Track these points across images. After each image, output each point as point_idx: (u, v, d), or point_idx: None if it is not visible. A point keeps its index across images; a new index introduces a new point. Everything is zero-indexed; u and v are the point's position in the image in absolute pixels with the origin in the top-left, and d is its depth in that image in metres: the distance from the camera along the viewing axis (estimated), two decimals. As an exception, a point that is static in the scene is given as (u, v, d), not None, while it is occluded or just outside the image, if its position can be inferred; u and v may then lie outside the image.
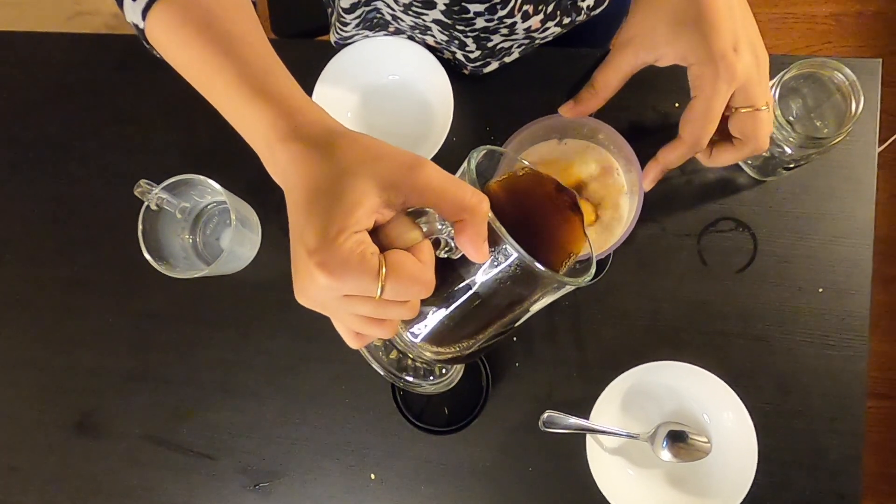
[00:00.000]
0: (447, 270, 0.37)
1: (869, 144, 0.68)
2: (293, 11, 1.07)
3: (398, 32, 0.70)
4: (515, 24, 0.63)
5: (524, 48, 0.70)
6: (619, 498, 0.65)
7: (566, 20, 0.67)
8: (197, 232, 0.74)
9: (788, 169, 0.65)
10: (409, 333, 0.41)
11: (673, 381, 0.67)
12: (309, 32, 1.04)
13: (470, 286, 0.37)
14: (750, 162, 0.68)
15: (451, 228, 0.34)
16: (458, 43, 0.66)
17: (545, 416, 0.67)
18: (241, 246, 0.69)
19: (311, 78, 0.71)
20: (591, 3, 0.68)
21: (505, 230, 0.34)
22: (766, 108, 0.50)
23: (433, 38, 0.67)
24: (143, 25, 0.43)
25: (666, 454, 0.66)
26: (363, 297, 0.34)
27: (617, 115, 0.65)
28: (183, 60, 0.42)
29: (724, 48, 0.48)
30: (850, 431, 0.66)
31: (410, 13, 0.62)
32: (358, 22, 0.68)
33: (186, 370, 0.74)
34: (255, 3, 0.47)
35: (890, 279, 1.49)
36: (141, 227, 0.66)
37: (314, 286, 0.33)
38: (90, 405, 0.75)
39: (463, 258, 0.36)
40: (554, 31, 0.68)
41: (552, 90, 0.71)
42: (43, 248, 0.78)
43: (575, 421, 0.66)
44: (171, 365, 0.74)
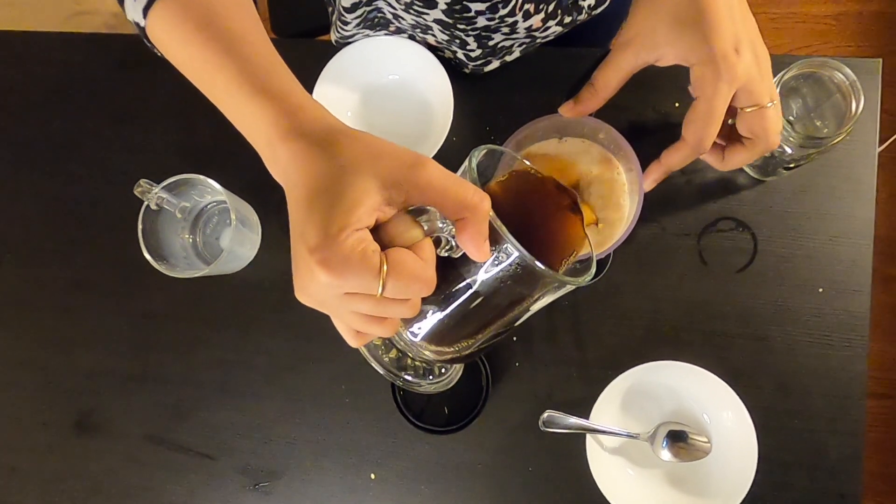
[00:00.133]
0: (447, 269, 0.37)
1: (869, 144, 0.68)
2: (293, 11, 1.07)
3: (399, 32, 0.70)
4: (517, 23, 0.63)
5: (525, 47, 0.70)
6: (618, 498, 0.65)
7: (567, 19, 0.67)
8: (197, 232, 0.74)
9: (788, 169, 0.65)
10: (408, 332, 0.41)
11: (673, 380, 0.67)
12: (309, 32, 1.04)
13: (470, 285, 0.37)
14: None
15: (452, 227, 0.34)
16: (459, 42, 0.66)
17: (545, 415, 0.67)
18: (241, 246, 0.69)
19: (311, 77, 0.70)
20: (592, 2, 0.68)
21: (506, 229, 0.34)
22: (771, 104, 0.50)
23: (434, 37, 0.67)
24: (143, 23, 0.43)
25: (666, 454, 0.66)
26: (364, 294, 0.34)
27: (617, 114, 0.65)
28: (184, 58, 0.42)
29: (725, 49, 0.48)
30: (850, 431, 0.66)
31: (412, 12, 0.62)
32: (359, 21, 0.68)
33: (186, 370, 0.74)
34: (255, 2, 0.47)
35: (890, 279, 1.49)
36: (141, 226, 0.66)
37: (315, 284, 0.33)
38: (90, 405, 0.75)
39: (463, 257, 0.36)
40: (555, 30, 0.68)
41: (552, 90, 0.71)
42: (43, 248, 0.78)
43: (575, 421, 0.66)
44: (170, 365, 0.74)
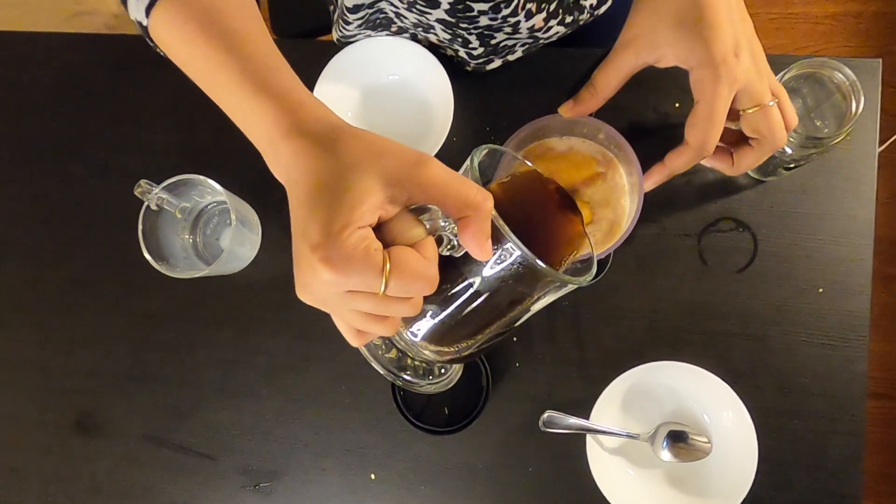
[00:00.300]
0: (448, 269, 0.37)
1: (869, 144, 0.68)
2: (294, 11, 1.07)
3: (401, 31, 0.70)
4: (519, 22, 0.63)
5: (528, 47, 0.70)
6: (619, 498, 0.65)
7: (569, 19, 0.67)
8: (197, 232, 0.74)
9: (788, 169, 0.65)
10: (409, 332, 0.41)
11: (673, 381, 0.67)
12: (310, 32, 1.04)
13: (471, 284, 0.37)
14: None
15: (454, 226, 0.34)
16: (461, 40, 0.66)
17: (545, 416, 0.67)
18: (241, 246, 0.69)
19: (311, 78, 0.70)
20: (594, 1, 0.68)
21: (508, 228, 0.34)
22: (773, 103, 0.50)
23: (436, 35, 0.67)
24: (146, 23, 0.43)
25: (666, 454, 0.66)
26: (366, 293, 0.34)
27: (617, 115, 0.65)
28: (186, 57, 0.42)
29: (724, 52, 0.48)
30: (850, 431, 0.66)
31: (414, 11, 0.62)
32: (361, 22, 0.68)
33: (186, 370, 0.74)
34: (258, 2, 0.47)
35: (890, 279, 1.49)
36: (141, 227, 0.66)
37: (317, 281, 0.33)
38: (90, 405, 0.75)
39: (465, 256, 0.36)
40: (558, 30, 0.68)
41: (553, 90, 0.71)
42: (43, 248, 0.78)
43: (575, 421, 0.66)
44: (170, 365, 0.74)
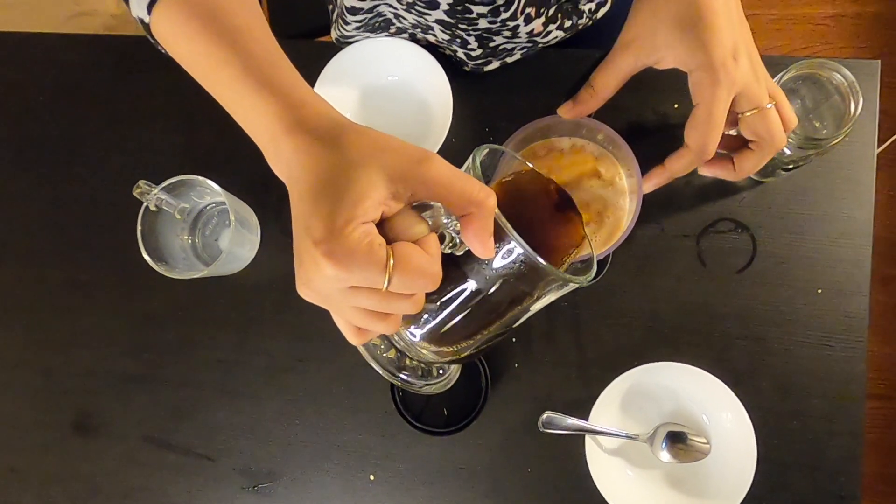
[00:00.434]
0: (450, 267, 0.37)
1: (868, 145, 0.68)
2: (294, 12, 1.07)
3: (400, 32, 0.70)
4: (518, 27, 0.63)
5: (527, 51, 0.70)
6: (618, 499, 0.65)
7: (568, 23, 0.67)
8: (196, 233, 0.74)
9: (787, 170, 0.65)
10: (408, 332, 0.41)
11: (672, 381, 0.67)
12: (309, 32, 1.04)
13: (472, 283, 0.37)
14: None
15: (456, 223, 0.34)
16: (460, 41, 0.66)
17: (544, 416, 0.67)
18: (240, 247, 0.69)
19: (310, 78, 0.70)
20: (592, 6, 0.68)
21: (510, 225, 0.34)
22: (771, 105, 0.50)
23: (435, 36, 0.67)
24: (148, 20, 0.43)
25: (665, 455, 0.66)
26: (368, 289, 0.34)
27: (616, 115, 0.65)
28: (188, 54, 0.42)
29: (723, 56, 0.48)
30: (849, 432, 0.66)
31: (413, 12, 0.62)
32: (359, 25, 0.68)
33: (186, 370, 0.74)
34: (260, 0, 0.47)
35: (889, 279, 1.49)
36: (140, 227, 0.66)
37: (320, 276, 0.33)
38: (89, 406, 0.75)
39: (466, 254, 0.36)
40: (557, 34, 0.68)
41: (551, 91, 0.71)
42: (42, 248, 0.77)
43: (574, 422, 0.66)
44: (170, 365, 0.74)
